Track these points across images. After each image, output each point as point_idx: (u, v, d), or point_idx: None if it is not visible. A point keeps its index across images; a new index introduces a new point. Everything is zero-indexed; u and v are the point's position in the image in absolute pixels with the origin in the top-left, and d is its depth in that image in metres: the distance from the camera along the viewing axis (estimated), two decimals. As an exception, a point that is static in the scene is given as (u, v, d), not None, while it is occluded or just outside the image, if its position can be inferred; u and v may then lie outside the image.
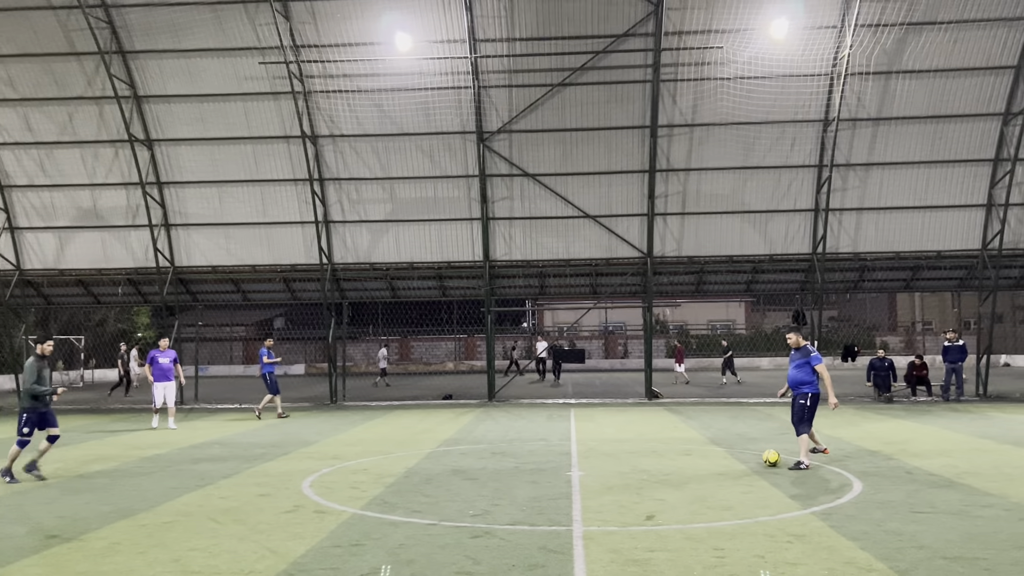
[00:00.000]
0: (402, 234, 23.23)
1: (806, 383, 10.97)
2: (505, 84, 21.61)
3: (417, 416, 19.52)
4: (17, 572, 6.44)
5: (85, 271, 24.04)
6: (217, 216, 23.31)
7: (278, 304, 49.45)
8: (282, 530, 7.77)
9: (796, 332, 11.41)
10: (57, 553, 7.02)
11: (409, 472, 11.10)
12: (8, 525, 8.13)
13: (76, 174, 23.04)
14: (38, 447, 11.21)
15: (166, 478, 10.92)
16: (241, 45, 21.12)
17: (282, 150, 22.52)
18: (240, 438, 15.48)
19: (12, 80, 21.94)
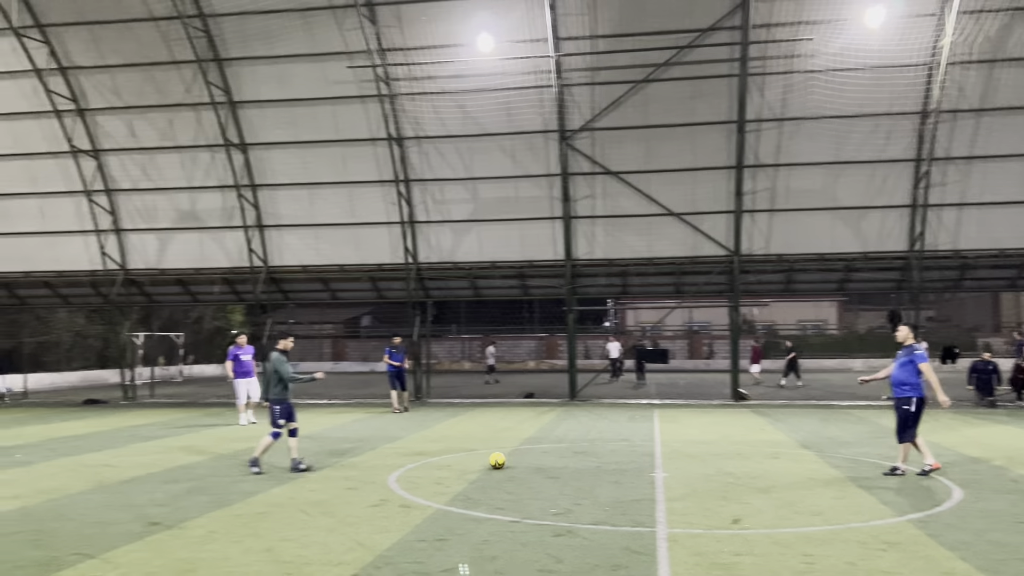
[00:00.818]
0: (484, 233, 23.41)
1: (908, 384, 10.38)
2: (587, 82, 21.52)
3: (499, 414, 19.65)
4: (122, 556, 6.79)
5: (184, 270, 25.11)
6: (307, 217, 23.99)
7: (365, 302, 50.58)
8: (369, 523, 7.95)
9: (907, 326, 10.79)
10: (159, 539, 7.37)
11: (492, 469, 11.18)
12: (115, 512, 8.57)
13: (175, 178, 24.09)
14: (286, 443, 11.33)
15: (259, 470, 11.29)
16: (329, 50, 21.67)
17: (369, 152, 23.00)
18: (328, 432, 15.90)
19: (118, 89, 23.09)
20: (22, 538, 7.43)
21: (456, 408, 21.39)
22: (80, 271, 25.43)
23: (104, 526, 7.88)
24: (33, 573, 6.31)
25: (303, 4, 21.05)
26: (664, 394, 25.69)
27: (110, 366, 34.45)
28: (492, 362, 33.66)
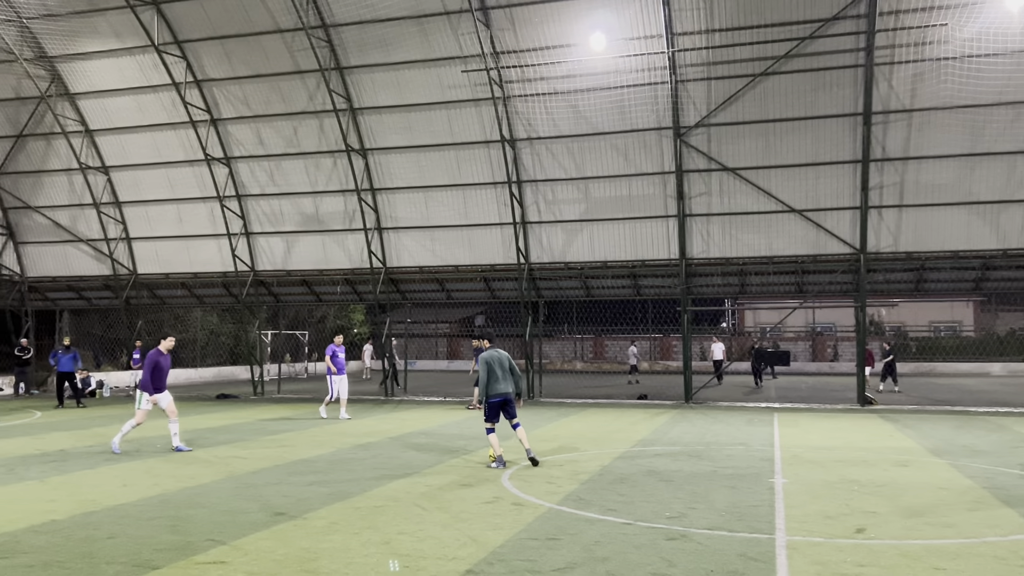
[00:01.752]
0: (596, 233, 23.31)
1: None
2: (703, 77, 21.08)
3: (611, 415, 19.52)
4: (250, 544, 7.16)
5: (308, 272, 26.20)
6: (423, 219, 24.56)
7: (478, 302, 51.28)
8: (482, 520, 8.06)
9: None
10: (283, 529, 7.72)
11: (604, 470, 11.13)
12: (243, 501, 9.04)
13: (300, 183, 25.17)
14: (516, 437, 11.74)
15: (377, 464, 11.66)
16: (444, 55, 22.11)
17: (482, 155, 23.32)
18: (444, 429, 16.22)
19: (247, 99, 24.33)
20: (161, 523, 7.95)
21: (567, 408, 21.39)
22: (213, 273, 26.96)
23: (234, 515, 8.32)
24: (171, 556, 6.74)
25: (419, 11, 21.57)
26: (785, 397, 24.84)
27: (241, 363, 36.33)
28: (635, 362, 33.20)
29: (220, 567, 6.42)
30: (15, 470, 11.26)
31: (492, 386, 11.40)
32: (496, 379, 11.39)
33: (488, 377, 11.41)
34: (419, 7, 21.51)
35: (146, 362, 12.96)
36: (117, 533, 7.52)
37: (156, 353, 13.00)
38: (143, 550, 6.92)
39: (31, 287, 29.03)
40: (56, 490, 9.75)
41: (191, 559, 6.64)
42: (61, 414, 20.24)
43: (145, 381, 12.86)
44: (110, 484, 10.14)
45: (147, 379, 12.86)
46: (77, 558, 6.67)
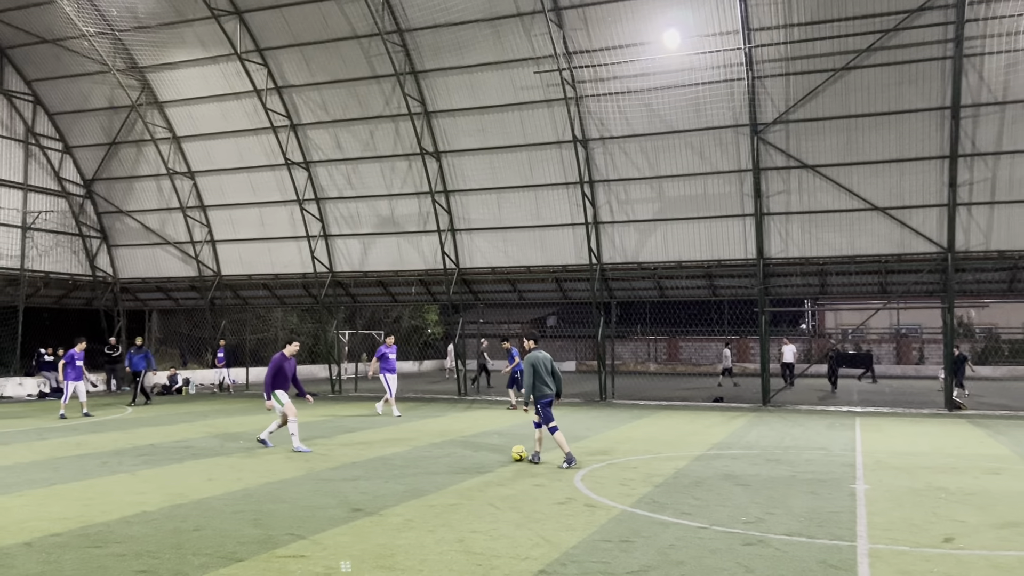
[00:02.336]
0: (670, 233, 23.03)
1: None
2: (781, 73, 20.60)
3: (686, 417, 19.25)
4: (329, 539, 7.33)
5: (384, 273, 26.66)
6: (496, 220, 24.70)
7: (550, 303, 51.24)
8: (555, 520, 8.07)
9: None
10: (360, 525, 7.88)
11: (678, 473, 10.99)
12: (322, 497, 9.26)
13: (376, 186, 25.63)
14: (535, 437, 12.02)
15: (451, 463, 11.79)
16: (517, 57, 22.19)
17: (554, 155, 23.32)
18: (517, 429, 16.28)
19: (325, 104, 24.91)
20: (244, 517, 8.21)
21: (641, 410, 21.20)
22: (293, 274, 27.70)
23: (313, 510, 8.54)
24: (254, 549, 6.95)
25: (492, 13, 21.71)
26: (868, 401, 24.06)
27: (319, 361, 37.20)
28: (729, 364, 32.43)
29: (300, 561, 6.60)
30: (108, 463, 11.80)
31: (539, 387, 11.58)
32: (542, 380, 11.62)
33: (535, 379, 11.58)
34: (492, 9, 21.65)
35: (270, 366, 13.34)
36: (203, 525, 7.80)
37: (281, 357, 13.42)
38: (227, 542, 7.16)
39: (123, 288, 30.35)
40: (146, 483, 10.18)
41: (272, 552, 6.84)
42: (149, 410, 21.08)
43: (267, 383, 13.22)
44: (196, 478, 10.52)
45: (268, 381, 13.21)
46: (166, 549, 6.94)
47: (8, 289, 26.68)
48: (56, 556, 6.69)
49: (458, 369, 25.98)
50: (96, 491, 9.60)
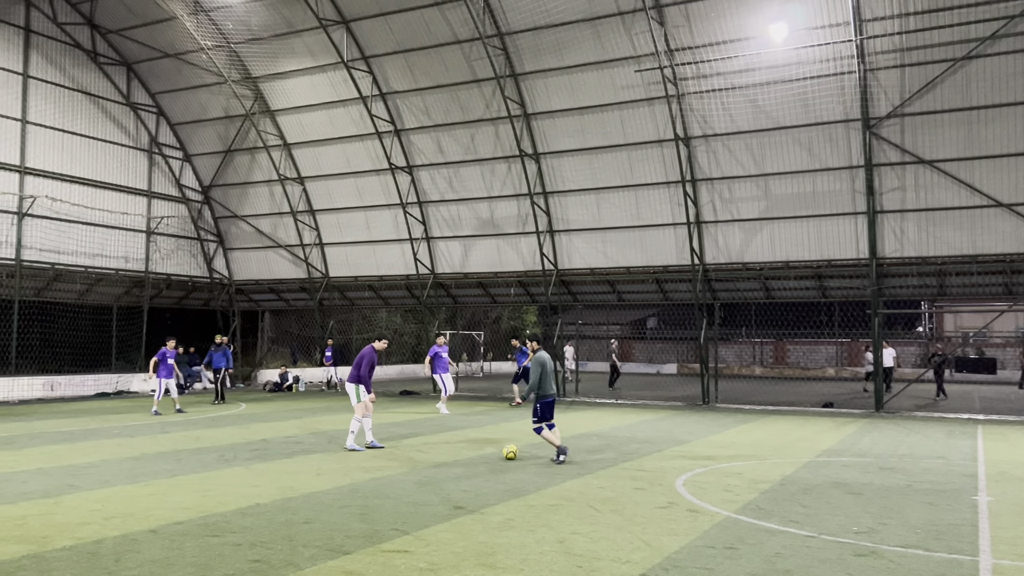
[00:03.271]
0: (777, 232, 22.37)
1: None
2: (895, 64, 19.72)
3: (793, 423, 18.65)
4: (432, 535, 7.47)
5: (484, 274, 26.96)
6: (595, 221, 24.60)
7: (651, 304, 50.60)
8: (656, 524, 7.96)
9: None
10: (462, 523, 7.99)
11: (785, 480, 10.66)
12: (425, 494, 9.45)
13: (476, 188, 25.96)
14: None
15: (550, 464, 11.80)
16: (618, 56, 22.05)
17: (655, 154, 23.03)
18: (616, 432, 16.16)
19: (428, 109, 25.41)
20: (351, 511, 8.46)
21: (746, 414, 20.67)
22: (397, 275, 28.36)
23: (417, 506, 8.72)
24: (360, 543, 7.16)
25: (592, 13, 21.64)
26: (991, 408, 22.70)
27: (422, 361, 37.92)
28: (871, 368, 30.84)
29: (404, 556, 6.75)
30: (225, 456, 12.38)
31: (545, 386, 11.89)
32: (548, 379, 11.89)
33: (542, 377, 11.85)
34: (592, 9, 21.58)
35: (364, 359, 13.17)
36: (313, 519, 8.08)
37: (371, 350, 13.38)
38: (335, 535, 7.40)
39: (238, 289, 31.79)
40: (260, 476, 10.62)
41: (378, 547, 7.03)
42: (262, 406, 21.98)
43: (364, 376, 13.12)
44: (306, 472, 10.91)
45: (366, 373, 13.12)
46: (278, 540, 7.23)
47: (134, 290, 28.37)
48: (178, 543, 7.07)
49: (557, 370, 26.01)
50: (214, 483, 10.09)
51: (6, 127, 24.35)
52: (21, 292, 24.52)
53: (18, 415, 18.88)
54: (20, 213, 24.46)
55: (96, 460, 11.82)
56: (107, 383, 25.43)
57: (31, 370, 24.00)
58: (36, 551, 6.75)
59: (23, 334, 24.38)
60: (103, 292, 27.65)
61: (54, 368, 25.57)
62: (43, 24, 25.43)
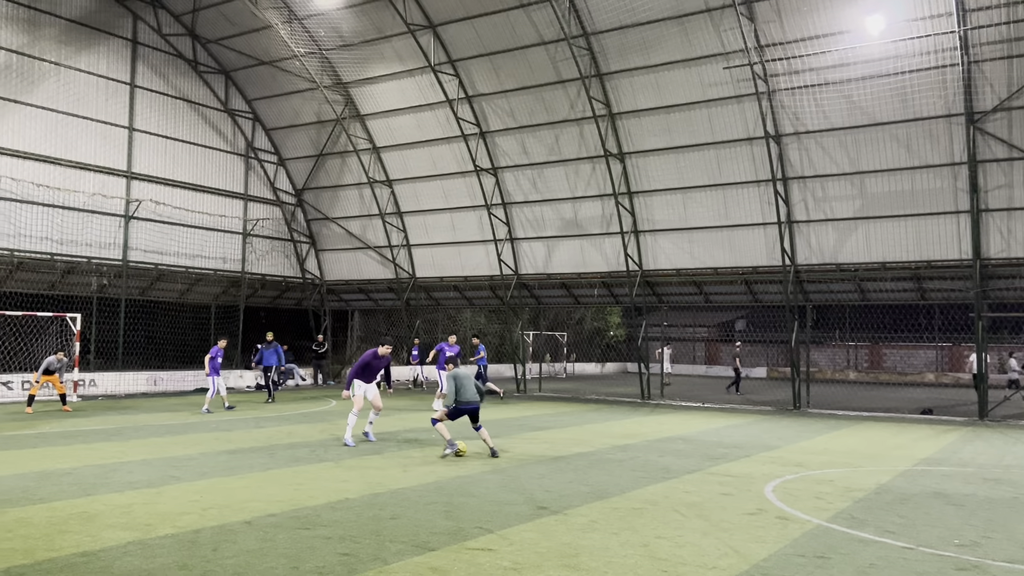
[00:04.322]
0: (872, 232, 21.57)
1: None
2: (1002, 56, 18.74)
3: (889, 430, 17.95)
4: (515, 534, 7.50)
5: (567, 275, 26.92)
6: (681, 221, 24.24)
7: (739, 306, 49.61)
8: (744, 531, 7.80)
9: None
10: (546, 523, 8.00)
11: (880, 489, 10.28)
12: (509, 493, 9.50)
13: (560, 189, 25.94)
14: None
15: (635, 467, 11.70)
16: (705, 53, 21.68)
17: (744, 152, 22.55)
18: (703, 436, 15.88)
19: (513, 111, 25.54)
20: (437, 508, 8.58)
21: (839, 420, 20.01)
22: (481, 276, 28.61)
23: (500, 505, 8.78)
24: (445, 540, 7.26)
25: (680, 11, 21.34)
26: (1107, 420, 21.31)
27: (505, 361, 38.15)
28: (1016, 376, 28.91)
29: (488, 554, 6.80)
30: (316, 451, 12.74)
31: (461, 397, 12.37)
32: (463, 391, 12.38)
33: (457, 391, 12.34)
34: (680, 7, 21.28)
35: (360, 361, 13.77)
36: (399, 514, 8.24)
37: (372, 354, 13.85)
38: (421, 532, 7.52)
39: (328, 289, 32.66)
40: (349, 471, 10.89)
41: (463, 544, 7.11)
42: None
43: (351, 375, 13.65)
44: (393, 469, 11.13)
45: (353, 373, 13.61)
46: (366, 535, 7.40)
47: (231, 290, 29.51)
48: (271, 535, 7.32)
49: (640, 372, 25.70)
50: (305, 477, 10.39)
51: (115, 135, 25.70)
52: (127, 291, 25.83)
53: (124, 408, 19.89)
54: (127, 216, 25.77)
55: (195, 453, 12.35)
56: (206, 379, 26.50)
57: (136, 366, 25.24)
58: (140, 538, 7.10)
59: (129, 331, 25.68)
60: (202, 291, 28.86)
61: (157, 364, 26.80)
62: (148, 36, 26.73)
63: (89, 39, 25.07)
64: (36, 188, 23.35)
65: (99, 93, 25.32)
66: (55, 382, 19.03)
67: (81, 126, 24.74)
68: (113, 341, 25.39)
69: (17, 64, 23.24)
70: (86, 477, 10.01)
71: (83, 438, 13.86)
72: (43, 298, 24.06)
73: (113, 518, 7.82)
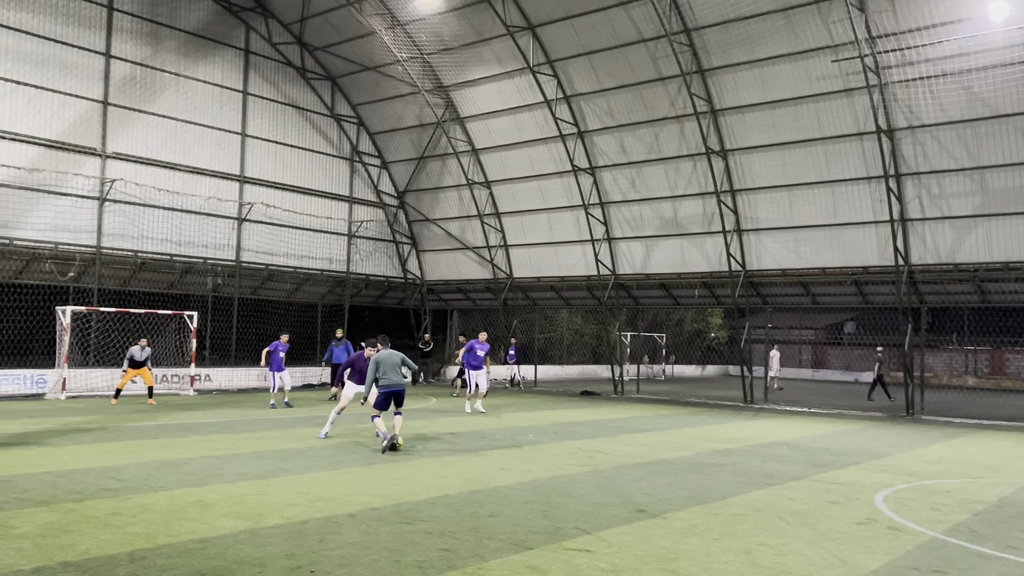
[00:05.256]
0: (994, 230, 20.35)
1: None
2: None
3: (1012, 439, 16.91)
4: (613, 536, 7.45)
5: (666, 275, 26.53)
6: (786, 220, 23.52)
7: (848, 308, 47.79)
8: (853, 541, 7.50)
9: None
10: (644, 526, 7.91)
11: (1003, 501, 9.70)
12: (606, 495, 9.44)
13: (660, 188, 25.60)
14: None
15: (736, 472, 11.43)
16: (813, 46, 20.97)
17: (854, 148, 21.68)
18: (808, 442, 15.37)
19: (611, 110, 25.37)
20: (534, 508, 8.61)
21: (956, 428, 18.99)
22: (578, 276, 28.54)
23: (598, 507, 8.73)
24: (543, 539, 7.28)
25: (786, 4, 20.71)
26: None
27: (602, 362, 37.95)
28: None
29: (586, 555, 6.78)
30: (415, 448, 13.00)
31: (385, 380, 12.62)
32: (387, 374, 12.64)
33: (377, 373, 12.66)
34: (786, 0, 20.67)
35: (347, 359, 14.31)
36: (497, 512, 8.31)
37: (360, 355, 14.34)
38: (519, 530, 7.57)
39: (429, 289, 33.27)
40: (447, 468, 11.06)
41: (560, 544, 7.11)
42: (448, 401, 22.84)
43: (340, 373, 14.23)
44: (491, 467, 11.24)
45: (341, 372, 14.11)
46: (465, 531, 7.50)
47: (336, 289, 30.45)
48: (374, 528, 7.51)
49: (743, 376, 25.08)
50: (405, 472, 10.62)
51: (229, 141, 26.94)
52: (240, 291, 27.02)
53: (236, 403, 20.81)
54: (240, 219, 26.95)
55: (302, 447, 12.80)
56: (313, 375, 27.43)
57: (247, 362, 26.35)
58: (251, 527, 7.42)
59: (241, 329, 26.86)
60: (309, 291, 29.88)
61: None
62: (260, 45, 27.88)
63: (206, 50, 26.36)
64: (157, 192, 24.72)
65: (214, 101, 26.58)
66: (144, 375, 19.30)
67: (198, 133, 26.04)
68: (226, 338, 26.62)
69: (141, 76, 24.66)
70: (202, 467, 10.53)
71: (199, 430, 14.59)
72: (163, 297, 25.45)
73: (226, 507, 8.20)
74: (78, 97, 23.20)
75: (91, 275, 23.48)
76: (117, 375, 19.95)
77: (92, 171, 23.43)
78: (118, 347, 22.67)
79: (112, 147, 23.89)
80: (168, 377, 23.25)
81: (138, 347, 19.18)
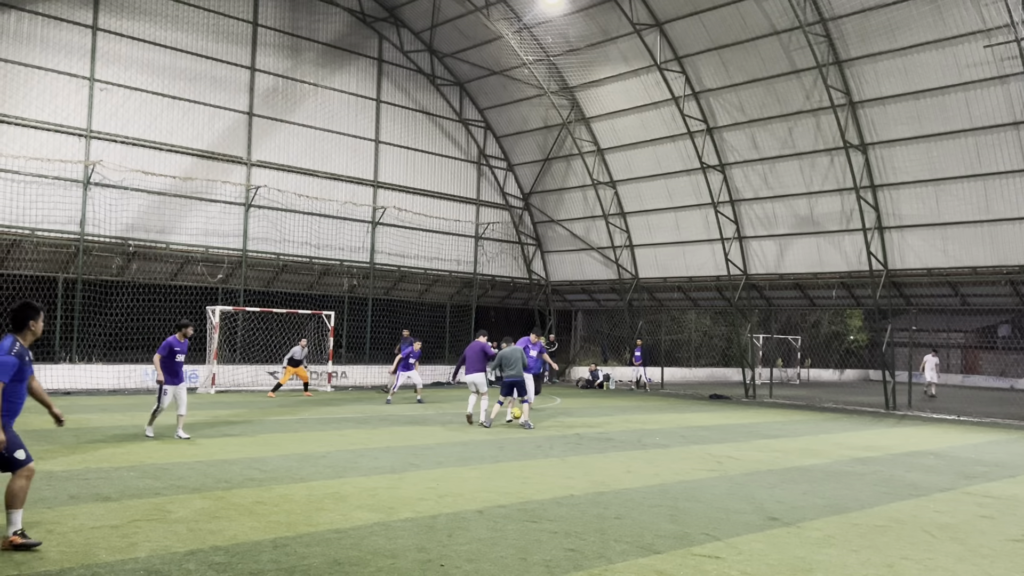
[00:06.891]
0: None
1: None
2: None
3: None
4: (744, 544, 7.25)
5: (801, 275, 25.53)
6: (933, 216, 22.15)
7: (1003, 310, 44.44)
8: (1007, 559, 6.99)
9: None
10: (777, 534, 7.65)
11: None
12: (737, 501, 9.19)
13: (794, 184, 24.66)
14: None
15: (877, 482, 10.87)
16: (962, 32, 19.68)
17: (1010, 138, 20.17)
18: (958, 451, 14.42)
19: (742, 105, 24.67)
20: (661, 511, 8.50)
21: None
22: (707, 276, 27.90)
23: (728, 513, 8.51)
24: (670, 544, 7.17)
25: (929, -13, 19.55)
26: None
27: (732, 365, 36.92)
28: None
29: (716, 562, 6.63)
30: (542, 447, 13.09)
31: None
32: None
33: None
34: (930, -18, 19.50)
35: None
36: (623, 515, 8.25)
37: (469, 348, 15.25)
38: (646, 534, 7.49)
39: (553, 290, 33.41)
40: (573, 468, 11.07)
41: (688, 549, 6.98)
42: (575, 402, 22.84)
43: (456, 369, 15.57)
44: (616, 469, 11.16)
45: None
46: (591, 532, 7.49)
47: (464, 290, 31.09)
48: (501, 526, 7.62)
49: (885, 381, 23.79)
50: (532, 471, 10.71)
51: (363, 147, 28.02)
52: (373, 291, 28.04)
53: (370, 399, 21.59)
54: (373, 222, 27.97)
55: (432, 443, 13.14)
56: (443, 374, 28.11)
57: (381, 360, 27.30)
58: (384, 520, 7.69)
59: (375, 328, 27.87)
60: (438, 292, 30.65)
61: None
62: (392, 54, 28.86)
63: (341, 60, 27.53)
64: (297, 198, 26.01)
65: (349, 109, 27.71)
66: (301, 373, 21.07)
67: (334, 140, 27.22)
68: (361, 337, 27.70)
69: (283, 87, 26.03)
70: (338, 461, 11.00)
71: (336, 425, 15.24)
72: (302, 297, 26.76)
73: (361, 500, 8.53)
74: (226, 109, 24.75)
75: (238, 276, 24.98)
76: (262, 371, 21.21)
77: (239, 178, 24.94)
78: (262, 345, 24.03)
79: (256, 155, 25.34)
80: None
81: (299, 347, 20.76)
